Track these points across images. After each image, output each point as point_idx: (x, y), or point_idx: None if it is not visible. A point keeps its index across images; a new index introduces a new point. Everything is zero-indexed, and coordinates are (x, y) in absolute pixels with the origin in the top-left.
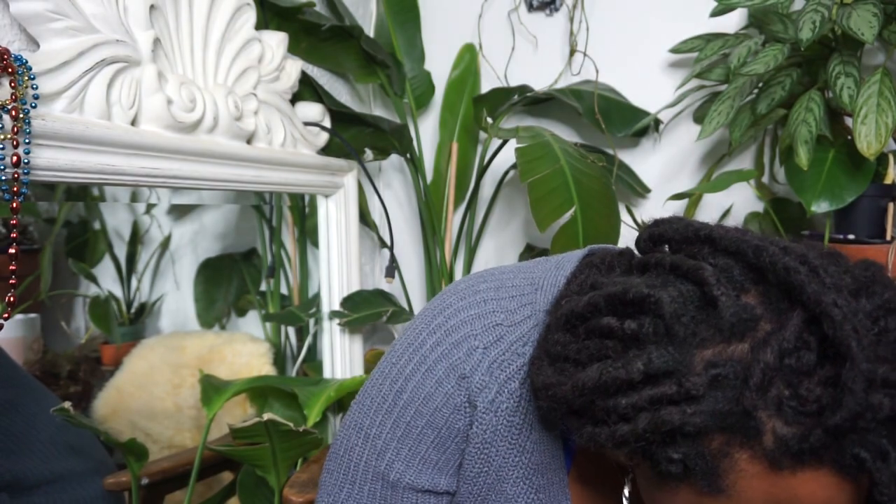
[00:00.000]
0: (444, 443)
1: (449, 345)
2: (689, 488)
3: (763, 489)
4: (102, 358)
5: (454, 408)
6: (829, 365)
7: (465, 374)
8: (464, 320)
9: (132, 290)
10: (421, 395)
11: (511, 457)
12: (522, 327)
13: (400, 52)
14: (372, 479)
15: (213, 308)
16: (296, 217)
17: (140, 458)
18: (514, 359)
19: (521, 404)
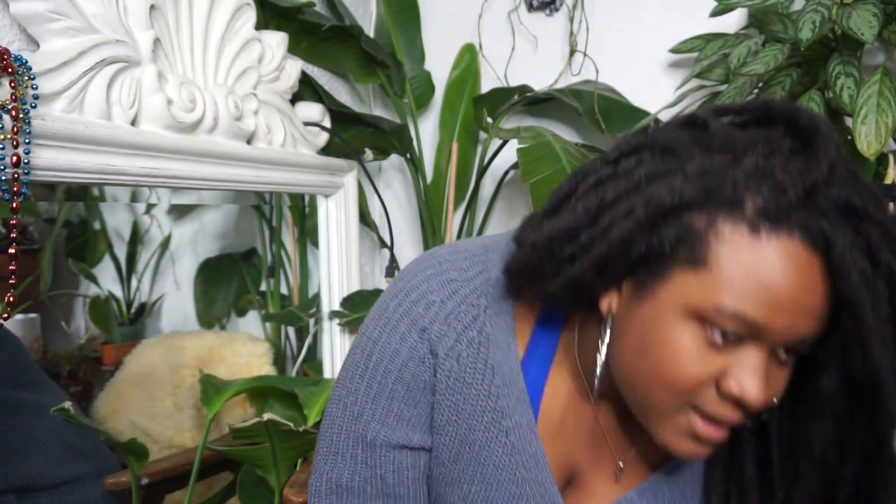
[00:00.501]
0: (413, 396)
1: (409, 303)
2: (675, 273)
3: (742, 258)
4: (102, 358)
5: (419, 360)
6: (801, 154)
7: (425, 326)
8: (421, 280)
9: (132, 290)
10: (388, 353)
11: (478, 402)
12: (475, 281)
13: (400, 52)
14: (353, 444)
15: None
16: (296, 217)
17: (140, 458)
18: (470, 309)
19: (481, 351)
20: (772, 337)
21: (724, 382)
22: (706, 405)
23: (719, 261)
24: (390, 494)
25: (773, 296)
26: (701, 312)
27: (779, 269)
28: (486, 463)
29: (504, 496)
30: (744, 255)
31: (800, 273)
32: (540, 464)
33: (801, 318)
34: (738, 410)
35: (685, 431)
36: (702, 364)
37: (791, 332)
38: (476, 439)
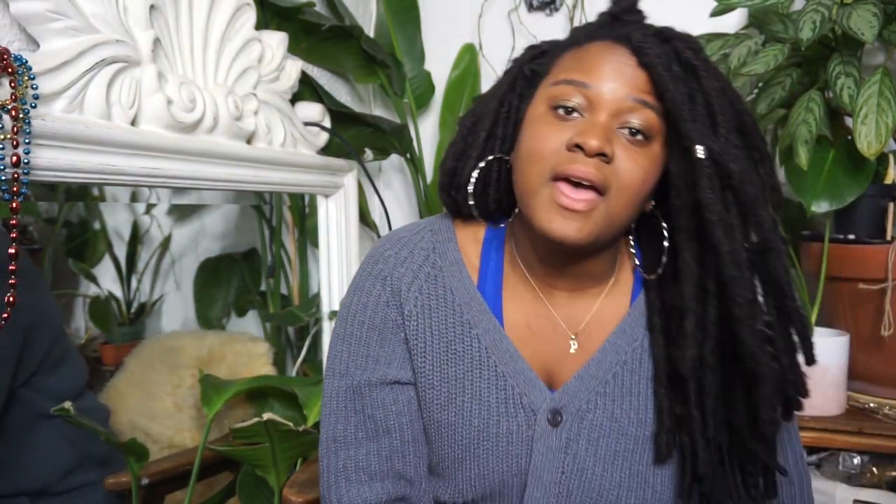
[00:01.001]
0: (385, 337)
1: (370, 265)
2: (536, 92)
3: (571, 55)
4: (102, 358)
5: (385, 304)
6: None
7: (385, 275)
8: (377, 246)
9: (132, 290)
10: (360, 309)
11: (446, 320)
12: (422, 234)
13: (400, 52)
14: (343, 398)
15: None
16: (296, 217)
17: (140, 459)
18: (420, 252)
19: (438, 279)
20: (600, 102)
21: (568, 142)
22: (560, 166)
23: (560, 63)
24: (380, 431)
25: (591, 63)
26: (547, 96)
27: (593, 50)
28: (469, 369)
29: (493, 394)
30: (572, 53)
31: (609, 51)
32: (515, 357)
33: (618, 82)
34: (587, 163)
35: (552, 205)
36: (554, 134)
37: (614, 96)
38: (455, 351)
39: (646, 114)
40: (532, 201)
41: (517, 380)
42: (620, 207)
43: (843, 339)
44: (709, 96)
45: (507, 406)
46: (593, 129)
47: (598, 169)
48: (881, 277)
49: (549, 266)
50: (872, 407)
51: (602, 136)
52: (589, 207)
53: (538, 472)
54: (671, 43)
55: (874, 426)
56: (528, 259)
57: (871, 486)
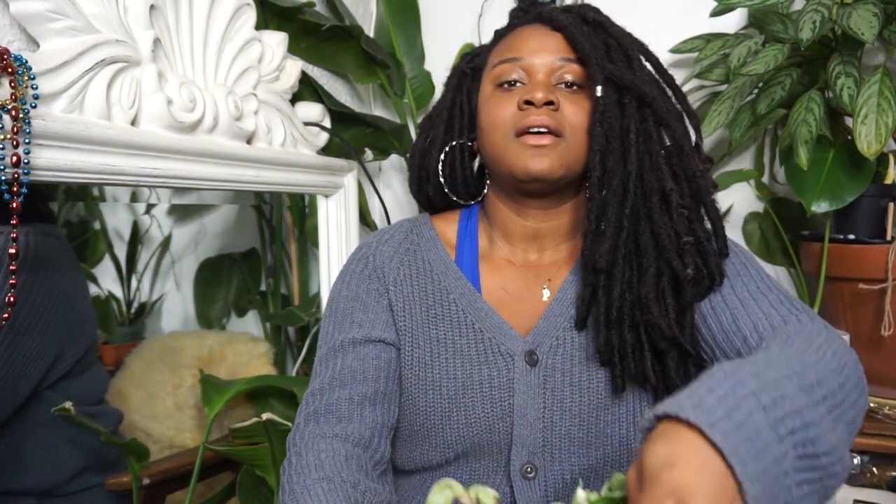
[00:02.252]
0: (368, 305)
1: (353, 253)
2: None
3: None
4: (102, 358)
5: (368, 276)
6: None
7: (367, 255)
8: (362, 242)
9: (132, 290)
10: (343, 286)
11: (425, 287)
12: (402, 224)
13: (400, 52)
14: (327, 357)
15: (213, 308)
16: (296, 217)
17: (141, 459)
18: (399, 233)
19: (417, 254)
20: (534, 68)
21: (518, 102)
22: (519, 123)
23: (493, 54)
24: (357, 379)
25: (519, 42)
26: (491, 79)
27: (517, 33)
28: (448, 328)
29: (473, 347)
30: (501, 43)
31: (530, 28)
32: (490, 313)
33: (544, 49)
34: (539, 113)
35: (524, 150)
36: (505, 102)
37: (543, 60)
38: (435, 314)
39: (572, 67)
40: (504, 157)
41: (493, 332)
42: (577, 143)
43: (843, 339)
44: (619, 39)
45: (486, 356)
46: (536, 86)
47: (549, 116)
48: (881, 277)
49: (524, 229)
50: (872, 407)
51: (545, 89)
52: (553, 142)
53: (522, 411)
54: (577, 10)
55: (874, 426)
56: (504, 228)
57: (871, 486)
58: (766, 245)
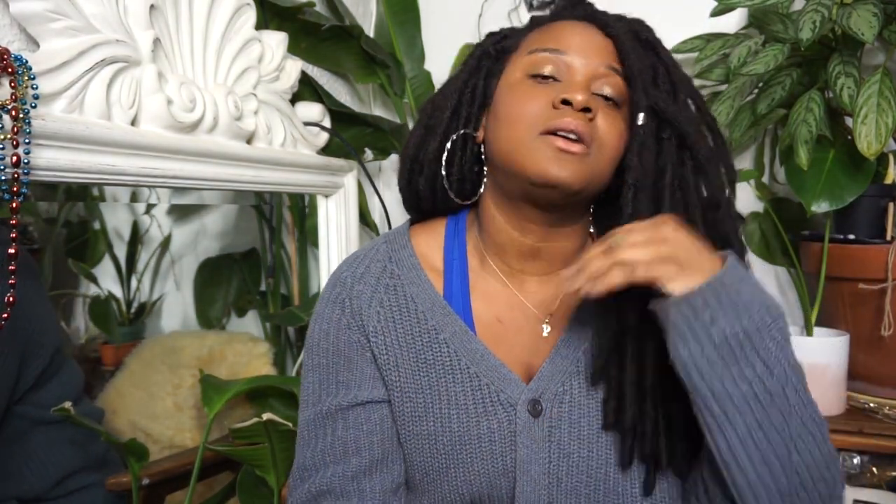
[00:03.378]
0: (352, 360)
1: (329, 290)
2: (505, 67)
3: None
4: (102, 358)
5: (346, 326)
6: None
7: (343, 298)
8: (337, 269)
9: (132, 290)
10: (323, 336)
11: (412, 329)
12: (378, 247)
13: (400, 52)
14: (314, 427)
15: (213, 308)
16: (296, 217)
17: (141, 459)
18: (377, 264)
19: (398, 289)
20: (575, 68)
21: (554, 100)
22: (550, 121)
23: (528, 39)
24: (350, 452)
25: (562, 35)
26: (524, 65)
27: (561, 25)
28: (441, 375)
29: (469, 396)
30: (539, 31)
31: (576, 25)
32: (486, 355)
33: (590, 51)
34: (576, 116)
35: (548, 153)
36: (536, 95)
37: (587, 62)
38: (425, 360)
39: (616, 80)
40: (521, 154)
41: (491, 377)
42: (603, 163)
43: (843, 339)
44: (668, 67)
45: (484, 405)
46: (576, 87)
47: (585, 123)
48: (881, 277)
49: (521, 246)
50: (872, 407)
51: (587, 92)
52: (582, 152)
53: (526, 466)
54: (628, 23)
55: (874, 426)
56: (498, 242)
57: (871, 486)
58: (766, 245)
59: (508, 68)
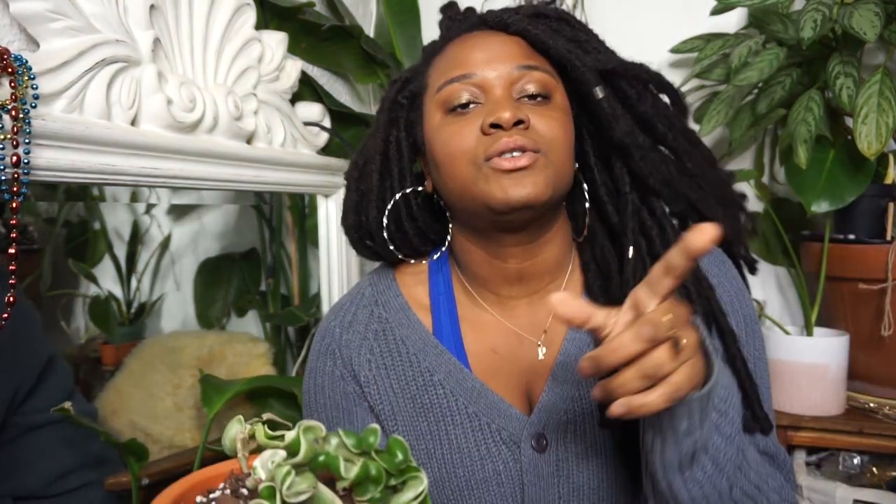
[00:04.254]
0: (350, 411)
1: (319, 341)
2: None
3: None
4: (102, 358)
5: (340, 378)
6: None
7: (333, 349)
8: (324, 319)
9: (132, 290)
10: (318, 391)
11: (405, 374)
12: (363, 291)
13: (400, 52)
14: None
15: (213, 308)
16: (296, 217)
17: (140, 459)
18: (364, 310)
19: (387, 333)
20: (489, 84)
21: (483, 126)
22: (490, 149)
23: (432, 74)
24: None
25: (463, 56)
26: (437, 104)
27: (458, 45)
28: (440, 419)
29: (471, 438)
30: (440, 59)
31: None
32: (483, 392)
33: (497, 59)
34: (510, 134)
35: (498, 176)
36: (463, 129)
37: (500, 72)
38: (422, 404)
39: (536, 76)
40: (475, 188)
41: (491, 416)
42: (560, 160)
43: (843, 339)
44: (587, 30)
45: (487, 446)
46: (499, 104)
47: (522, 136)
48: (881, 277)
49: (504, 273)
50: (872, 407)
51: (511, 107)
52: (532, 160)
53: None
54: (524, 9)
55: (874, 426)
56: (480, 275)
57: (871, 486)
58: (766, 245)
59: (427, 112)
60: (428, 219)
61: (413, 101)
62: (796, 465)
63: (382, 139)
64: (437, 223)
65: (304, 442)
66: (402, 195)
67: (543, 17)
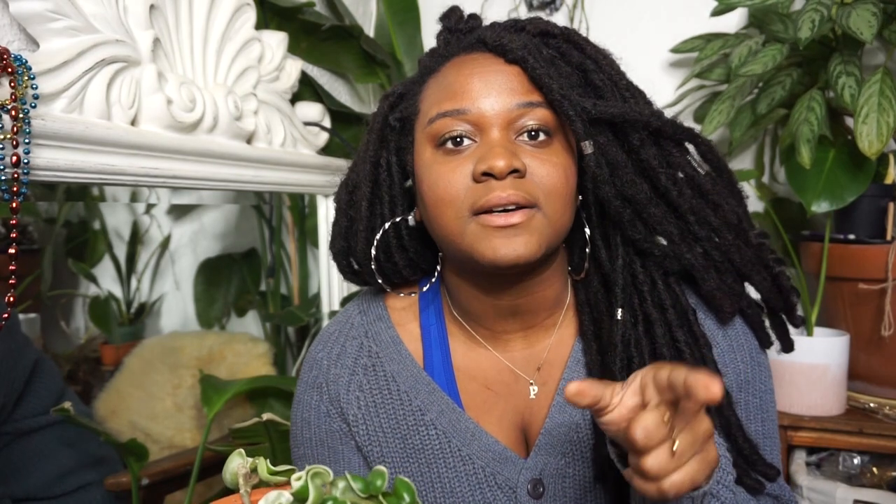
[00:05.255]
0: (336, 449)
1: (306, 372)
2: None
3: (432, 86)
4: (102, 358)
5: (326, 414)
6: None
7: (321, 382)
8: (312, 348)
9: (132, 290)
10: (304, 425)
11: (395, 412)
12: (353, 320)
13: (400, 52)
14: None
15: (213, 308)
16: (296, 217)
17: (140, 459)
18: (353, 342)
19: (377, 369)
20: (485, 121)
21: (474, 173)
22: (478, 202)
23: (425, 99)
24: None
25: (459, 85)
26: (428, 137)
27: (454, 69)
28: (431, 461)
29: (465, 483)
30: (434, 82)
31: (471, 64)
32: (477, 433)
33: (494, 93)
34: (503, 187)
35: (487, 233)
36: (453, 171)
37: (497, 109)
38: (413, 445)
39: (537, 113)
40: (462, 242)
41: (485, 459)
42: (557, 213)
43: (843, 339)
44: (598, 61)
45: (482, 491)
46: (493, 149)
47: (516, 188)
48: (881, 277)
49: (497, 309)
50: (872, 407)
51: (506, 154)
52: (526, 217)
53: None
54: (525, 29)
55: (874, 426)
56: (472, 310)
57: (871, 486)
58: None
59: (417, 141)
60: (419, 248)
61: (404, 125)
62: (796, 465)
63: (372, 163)
64: (428, 251)
65: (313, 488)
66: (394, 226)
67: (550, 36)
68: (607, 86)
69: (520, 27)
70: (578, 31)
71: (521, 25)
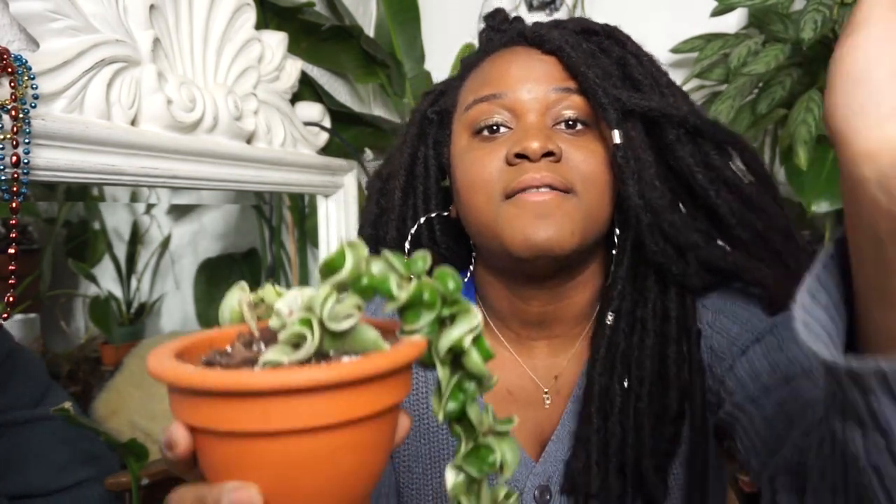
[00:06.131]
0: None
1: None
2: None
3: (473, 76)
4: (102, 358)
5: None
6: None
7: None
8: None
9: (132, 290)
10: None
11: (421, 404)
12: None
13: (400, 52)
14: None
15: (213, 308)
16: (296, 217)
17: (140, 459)
18: None
19: None
20: (522, 106)
21: (507, 155)
22: (510, 184)
23: (464, 91)
24: None
25: (497, 73)
26: (465, 124)
27: (493, 60)
28: (444, 449)
29: None
30: (473, 75)
31: (510, 54)
32: None
33: (532, 79)
34: (538, 168)
35: (520, 214)
36: (488, 156)
37: (534, 94)
38: (430, 441)
39: (575, 100)
40: (493, 226)
41: None
42: (594, 202)
43: None
44: (640, 56)
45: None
46: (529, 131)
47: (551, 170)
48: None
49: (525, 315)
50: None
51: (540, 136)
52: (559, 199)
53: None
54: (565, 25)
55: None
56: (500, 311)
57: None
58: None
59: (455, 131)
60: (451, 244)
61: (443, 118)
62: None
63: (409, 154)
64: (461, 247)
65: (351, 256)
66: (427, 220)
67: (591, 33)
68: (647, 81)
69: (562, 25)
70: (616, 28)
71: (562, 24)
